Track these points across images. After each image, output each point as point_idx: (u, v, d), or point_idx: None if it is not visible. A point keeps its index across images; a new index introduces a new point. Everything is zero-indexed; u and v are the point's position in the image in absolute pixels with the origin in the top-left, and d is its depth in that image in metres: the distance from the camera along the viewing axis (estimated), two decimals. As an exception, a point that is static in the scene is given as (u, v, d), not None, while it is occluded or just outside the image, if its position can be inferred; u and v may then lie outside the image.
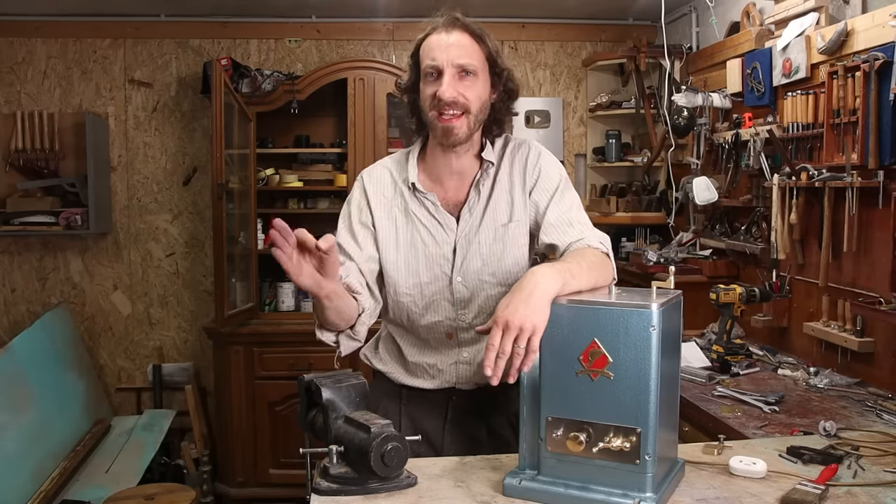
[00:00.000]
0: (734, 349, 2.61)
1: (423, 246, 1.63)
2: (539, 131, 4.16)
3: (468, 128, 1.57)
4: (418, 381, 1.70)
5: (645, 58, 3.77)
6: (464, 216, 1.64)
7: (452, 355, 1.67)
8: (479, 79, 1.57)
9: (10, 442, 3.10)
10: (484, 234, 1.63)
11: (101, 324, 4.13)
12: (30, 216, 3.81)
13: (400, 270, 1.64)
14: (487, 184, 1.65)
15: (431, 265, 1.63)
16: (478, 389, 1.69)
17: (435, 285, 1.63)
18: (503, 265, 1.63)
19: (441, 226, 1.64)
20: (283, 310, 3.90)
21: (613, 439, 1.20)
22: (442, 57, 1.53)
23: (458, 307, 1.64)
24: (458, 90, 1.53)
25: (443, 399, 1.69)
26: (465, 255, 1.63)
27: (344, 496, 1.28)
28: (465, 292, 1.63)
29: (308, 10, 3.99)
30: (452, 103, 1.53)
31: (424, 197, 1.64)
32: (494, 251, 1.63)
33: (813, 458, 1.46)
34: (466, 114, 1.55)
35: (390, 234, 1.65)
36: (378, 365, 1.76)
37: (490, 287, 1.62)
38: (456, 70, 1.54)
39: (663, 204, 3.85)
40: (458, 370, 1.67)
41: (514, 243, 1.64)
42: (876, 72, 2.25)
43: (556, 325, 1.24)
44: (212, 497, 3.64)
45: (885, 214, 2.29)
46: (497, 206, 1.64)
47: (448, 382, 1.68)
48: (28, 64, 4.01)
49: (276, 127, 3.96)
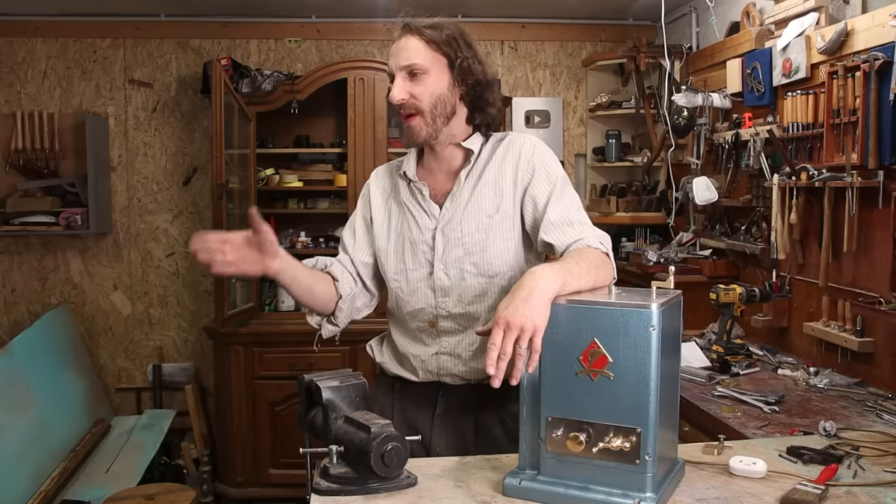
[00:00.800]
0: (734, 349, 2.61)
1: (409, 233, 1.69)
2: (539, 131, 4.16)
3: (427, 125, 1.62)
4: (407, 373, 1.73)
5: (645, 58, 3.77)
6: (446, 205, 1.67)
7: (434, 345, 1.69)
8: (430, 76, 1.60)
9: (10, 442, 3.10)
10: (467, 223, 1.65)
11: (101, 324, 4.14)
12: (30, 216, 3.81)
13: (389, 256, 1.72)
14: (474, 174, 1.67)
15: (416, 252, 1.68)
16: (466, 385, 1.69)
17: (419, 272, 1.68)
18: (485, 256, 1.63)
19: (426, 213, 1.68)
20: (283, 310, 3.89)
21: (613, 439, 1.20)
22: (393, 63, 1.62)
23: (439, 295, 1.66)
24: (406, 91, 1.60)
25: (432, 393, 1.71)
26: (447, 243, 1.66)
27: (344, 496, 1.28)
28: (445, 280, 1.65)
29: (308, 10, 3.99)
30: (401, 105, 1.61)
31: (416, 187, 1.70)
32: (477, 241, 1.64)
33: (813, 458, 1.46)
34: (420, 114, 1.61)
35: (384, 222, 1.74)
36: (377, 356, 1.81)
37: (471, 277, 1.64)
38: (405, 72, 1.60)
39: (663, 204, 3.85)
40: (440, 361, 1.68)
41: (499, 235, 1.64)
42: (876, 72, 2.25)
43: (556, 325, 1.24)
44: (212, 497, 3.64)
45: (885, 214, 2.29)
46: (482, 197, 1.65)
47: (433, 375, 1.69)
48: (28, 64, 4.01)
49: (276, 127, 3.96)
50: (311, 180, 3.91)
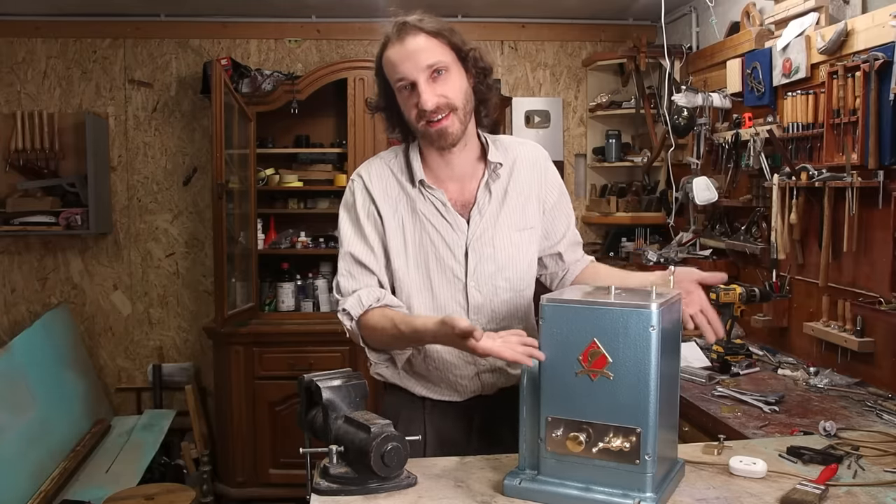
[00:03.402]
0: (734, 349, 2.61)
1: (432, 247, 1.58)
2: (539, 131, 4.16)
3: (459, 122, 1.53)
4: (444, 396, 1.64)
5: (645, 58, 3.77)
6: (474, 218, 1.60)
7: (471, 367, 1.61)
8: (452, 72, 1.52)
9: (10, 442, 3.10)
10: (500, 238, 1.60)
11: (101, 324, 4.13)
12: (30, 216, 3.81)
13: (411, 274, 1.59)
14: (500, 186, 1.62)
15: (443, 269, 1.58)
16: (501, 393, 1.65)
17: (447, 289, 1.59)
18: (518, 271, 1.62)
19: (451, 227, 1.59)
20: (283, 310, 3.89)
21: (613, 439, 1.20)
22: (408, 67, 1.48)
23: (472, 313, 1.59)
24: (437, 93, 1.49)
25: (469, 408, 1.65)
26: (479, 259, 1.59)
27: (344, 496, 1.28)
28: (478, 297, 1.60)
29: (308, 10, 3.99)
30: (437, 109, 1.49)
31: (432, 194, 1.59)
32: (511, 255, 1.61)
33: (813, 458, 1.46)
34: (453, 112, 1.52)
35: (398, 234, 1.59)
36: (394, 379, 1.67)
37: (504, 292, 1.61)
38: (428, 73, 1.49)
39: (663, 204, 3.85)
40: (483, 379, 1.63)
41: (528, 249, 1.64)
42: (876, 72, 2.24)
43: (556, 325, 1.24)
44: (212, 497, 3.64)
45: (885, 214, 2.29)
46: (512, 211, 1.62)
47: (473, 392, 1.64)
48: (28, 64, 4.01)
49: (276, 127, 3.96)
50: (311, 180, 3.91)
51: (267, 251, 3.90)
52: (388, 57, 1.52)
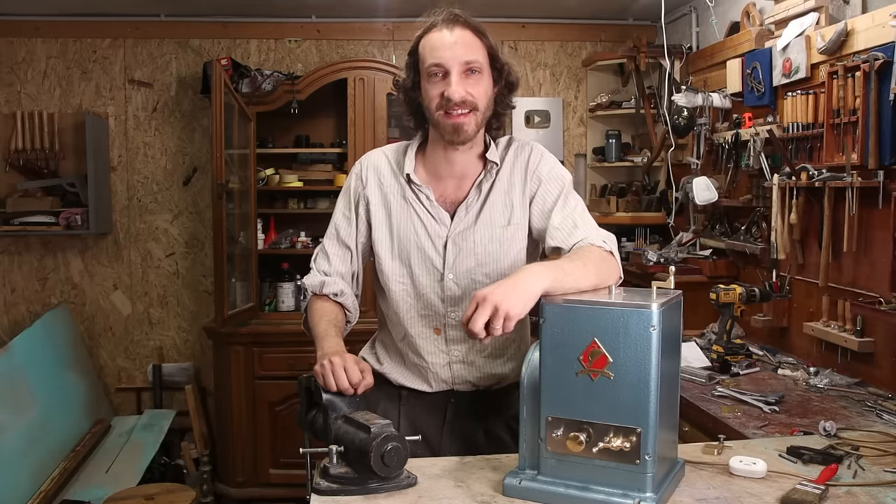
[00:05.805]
0: (734, 349, 2.61)
1: (415, 236, 1.64)
2: (539, 131, 4.16)
3: (476, 124, 1.57)
4: (417, 384, 1.69)
5: (645, 58, 3.77)
6: (459, 213, 1.63)
7: (445, 355, 1.66)
8: (484, 75, 1.57)
9: (10, 442, 3.10)
10: (479, 233, 1.62)
11: (101, 324, 4.13)
12: (30, 216, 3.81)
13: (393, 256, 1.65)
14: (490, 184, 1.65)
15: (423, 258, 1.63)
16: (476, 392, 1.69)
17: (426, 279, 1.63)
18: (499, 267, 1.62)
19: (434, 220, 1.63)
20: (283, 310, 3.89)
21: (613, 439, 1.20)
22: (447, 55, 1.52)
23: (448, 304, 1.63)
24: (465, 89, 1.53)
25: (441, 401, 1.69)
26: (458, 253, 1.62)
27: (344, 496, 1.28)
28: (456, 290, 1.63)
29: (308, 10, 3.99)
30: (461, 103, 1.53)
31: (419, 190, 1.64)
32: (490, 252, 1.62)
33: (813, 458, 1.47)
34: (474, 111, 1.55)
35: (384, 222, 1.66)
36: (375, 366, 1.75)
37: (482, 287, 1.62)
38: (463, 68, 1.53)
39: (663, 204, 3.85)
40: (454, 370, 1.67)
41: (511, 247, 1.64)
42: (876, 72, 2.24)
43: (556, 325, 1.24)
44: (212, 497, 3.64)
45: (885, 214, 2.29)
46: (494, 208, 1.63)
47: (446, 384, 1.68)
48: (28, 64, 4.01)
49: (276, 127, 3.96)
50: (311, 180, 3.91)
51: (267, 251, 3.90)
52: (429, 39, 1.56)
